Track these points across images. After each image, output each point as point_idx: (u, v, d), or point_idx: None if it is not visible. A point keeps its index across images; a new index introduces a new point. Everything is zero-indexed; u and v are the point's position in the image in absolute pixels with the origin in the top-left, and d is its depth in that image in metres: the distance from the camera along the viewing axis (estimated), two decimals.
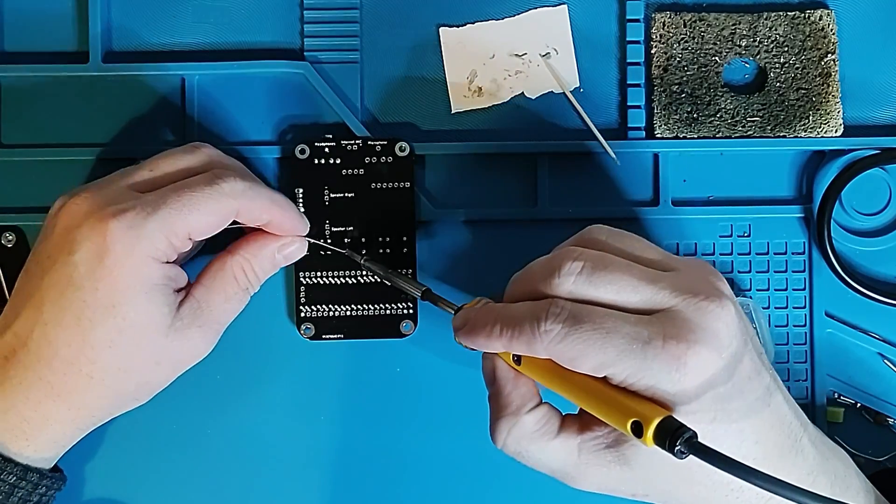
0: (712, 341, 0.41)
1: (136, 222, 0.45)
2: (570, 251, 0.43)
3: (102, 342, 0.46)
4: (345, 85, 0.56)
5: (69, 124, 0.56)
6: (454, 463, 0.55)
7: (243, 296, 0.50)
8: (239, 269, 0.50)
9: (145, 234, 0.45)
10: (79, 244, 0.45)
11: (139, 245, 0.45)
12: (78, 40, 0.56)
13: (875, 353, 0.55)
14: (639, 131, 0.56)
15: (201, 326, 0.48)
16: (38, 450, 0.48)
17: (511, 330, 0.43)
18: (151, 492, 0.55)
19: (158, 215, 0.46)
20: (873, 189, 0.56)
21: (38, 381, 0.46)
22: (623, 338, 0.41)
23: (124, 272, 0.45)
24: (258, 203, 0.49)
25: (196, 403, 0.55)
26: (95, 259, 0.45)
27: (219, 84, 0.56)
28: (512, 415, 0.45)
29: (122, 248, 0.45)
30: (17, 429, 0.47)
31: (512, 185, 0.56)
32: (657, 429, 0.39)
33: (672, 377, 0.41)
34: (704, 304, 0.42)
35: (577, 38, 0.56)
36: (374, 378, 0.55)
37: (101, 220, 0.45)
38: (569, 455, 0.45)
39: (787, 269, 0.56)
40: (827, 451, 0.47)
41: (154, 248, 0.46)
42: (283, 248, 0.51)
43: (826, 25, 0.55)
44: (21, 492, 0.47)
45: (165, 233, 0.46)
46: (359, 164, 0.54)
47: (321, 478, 0.55)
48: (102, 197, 0.47)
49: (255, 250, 0.50)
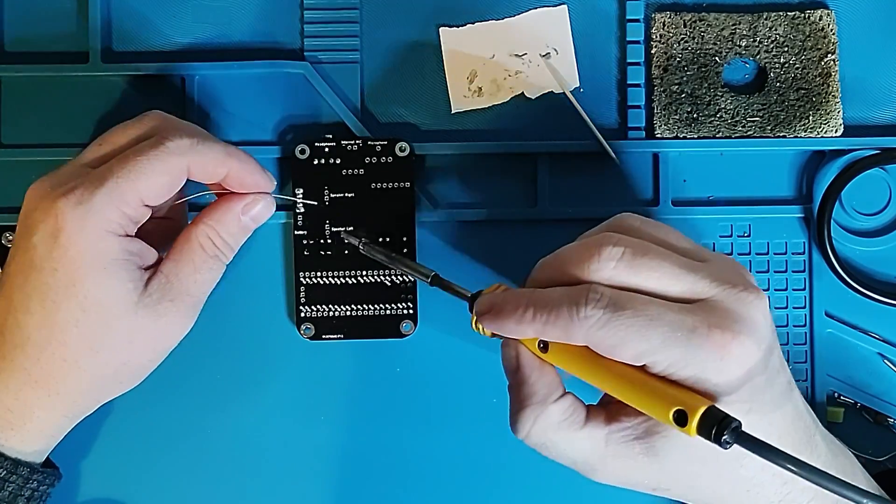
0: (754, 332, 0.41)
1: (84, 197, 0.45)
2: (608, 237, 0.42)
3: (68, 322, 0.46)
4: (345, 85, 0.56)
5: (69, 124, 0.56)
6: (454, 463, 0.55)
7: (213, 264, 0.49)
8: (204, 237, 0.49)
9: (94, 208, 0.45)
10: (35, 227, 0.46)
11: (89, 219, 0.45)
12: (78, 40, 0.56)
13: (875, 353, 0.55)
14: (639, 131, 0.56)
15: (172, 300, 0.48)
16: (25, 441, 0.48)
17: (546, 314, 0.41)
18: (150, 491, 0.55)
19: (105, 187, 0.45)
20: (873, 189, 0.56)
21: (16, 369, 0.46)
22: (667, 325, 0.40)
23: (79, 249, 0.45)
24: (210, 156, 0.48)
25: (195, 403, 0.55)
26: (51, 239, 0.45)
27: (219, 84, 0.56)
28: (538, 404, 0.43)
29: (73, 224, 0.45)
30: (1, 419, 0.47)
31: (512, 185, 0.56)
32: (702, 418, 0.39)
33: (717, 366, 0.40)
34: (744, 295, 0.41)
35: (577, 38, 0.56)
36: (374, 378, 0.55)
37: (53, 200, 0.45)
38: (595, 446, 0.43)
39: (787, 269, 0.56)
40: (836, 448, 0.47)
41: (106, 220, 0.46)
42: (247, 207, 0.50)
43: (826, 25, 0.55)
44: (11, 486, 0.47)
45: (115, 203, 0.46)
46: (359, 164, 0.54)
47: (321, 478, 0.55)
48: (55, 178, 0.47)
49: (218, 215, 0.49)
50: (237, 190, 0.50)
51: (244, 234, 0.50)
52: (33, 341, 0.46)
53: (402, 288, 0.54)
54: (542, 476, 0.55)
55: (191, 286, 0.48)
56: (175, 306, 0.48)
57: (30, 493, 0.48)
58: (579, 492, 0.54)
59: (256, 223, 0.50)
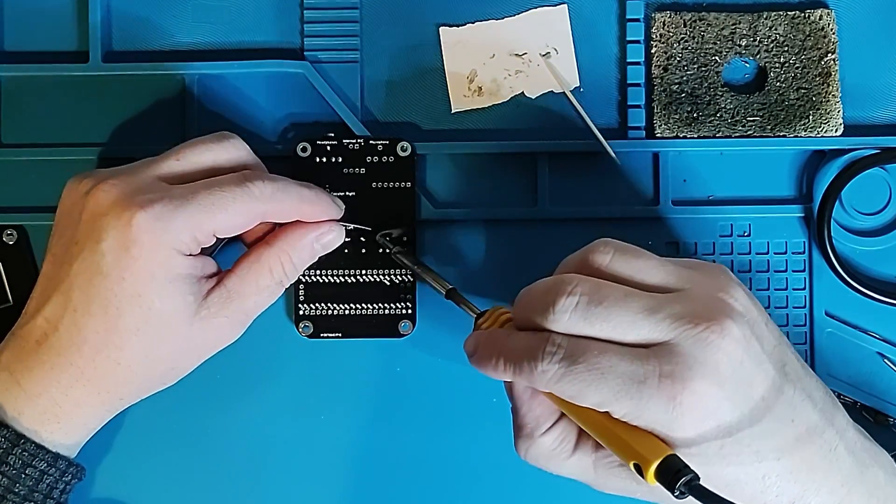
0: (711, 375, 0.41)
1: (164, 214, 0.46)
2: (566, 282, 0.43)
3: (129, 330, 0.46)
4: (345, 85, 0.56)
5: (69, 124, 0.56)
6: (453, 463, 0.55)
7: (276, 289, 0.50)
8: (276, 261, 0.49)
9: (172, 228, 0.46)
10: (106, 233, 0.46)
11: (165, 237, 0.46)
12: (78, 40, 0.56)
13: (875, 353, 0.55)
14: (639, 131, 0.56)
15: (228, 316, 0.48)
16: (68, 433, 0.48)
17: (513, 366, 0.43)
18: (148, 489, 0.55)
19: (186, 210, 0.46)
20: (873, 189, 0.56)
21: (69, 366, 0.47)
22: (618, 377, 0.41)
23: (150, 263, 0.46)
24: (287, 205, 0.49)
25: (194, 401, 0.55)
26: (122, 249, 0.45)
27: (219, 84, 0.56)
28: (527, 437, 0.46)
29: (148, 239, 0.45)
30: (48, 412, 0.47)
31: (512, 185, 0.56)
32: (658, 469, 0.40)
33: (669, 416, 0.41)
34: (704, 335, 0.41)
35: (577, 38, 0.56)
36: (372, 377, 0.55)
37: (129, 209, 0.45)
38: (585, 470, 0.46)
39: (787, 269, 0.56)
40: (867, 458, 0.46)
41: (179, 242, 0.46)
42: (320, 237, 0.51)
43: (826, 25, 0.55)
44: (49, 479, 0.48)
45: (191, 228, 0.46)
46: (360, 163, 0.54)
47: (319, 476, 0.55)
48: (130, 185, 0.47)
49: (292, 241, 0.50)
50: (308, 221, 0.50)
51: (312, 260, 0.51)
52: (90, 343, 0.46)
53: (401, 288, 0.54)
54: (541, 476, 0.54)
55: (250, 306, 0.49)
56: (229, 322, 0.49)
57: (63, 486, 0.49)
58: (579, 492, 0.54)
59: (326, 251, 0.51)
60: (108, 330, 0.46)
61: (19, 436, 0.47)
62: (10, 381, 0.47)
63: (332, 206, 0.51)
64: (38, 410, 0.47)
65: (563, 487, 0.54)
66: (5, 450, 0.47)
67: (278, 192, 0.48)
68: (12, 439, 0.47)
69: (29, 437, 0.47)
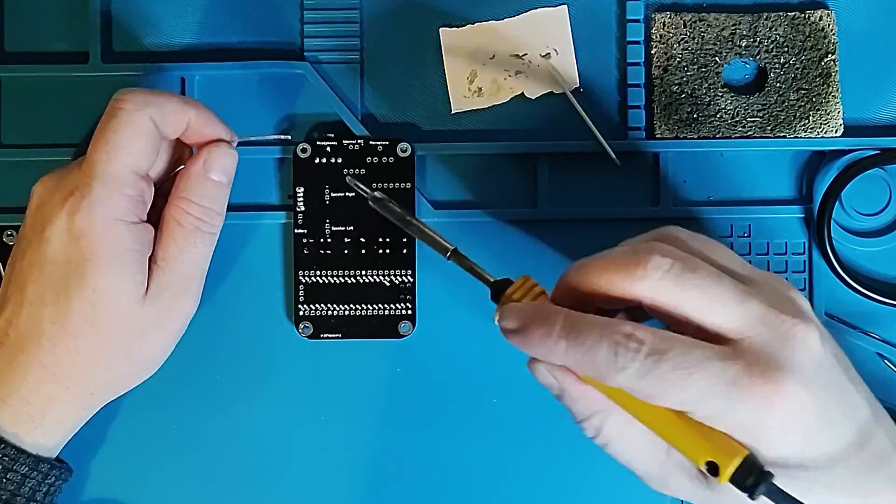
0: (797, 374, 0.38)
1: (85, 190, 0.46)
2: (657, 246, 0.40)
3: (79, 315, 0.46)
4: (345, 85, 0.56)
5: (69, 124, 0.56)
6: (452, 463, 0.55)
7: (198, 237, 0.48)
8: (178, 210, 0.48)
9: (97, 199, 0.46)
10: (48, 221, 0.46)
11: (96, 210, 0.46)
12: (78, 40, 0.56)
13: (875, 353, 0.55)
14: (639, 131, 0.55)
15: (169, 287, 0.48)
16: (45, 434, 0.48)
17: (581, 354, 0.39)
18: (148, 490, 0.55)
19: (97, 175, 0.46)
20: (873, 189, 0.56)
21: (33, 362, 0.47)
22: (707, 377, 0.38)
23: (90, 240, 0.46)
24: (168, 106, 0.47)
25: (193, 401, 0.55)
26: (64, 233, 0.46)
27: (219, 84, 0.56)
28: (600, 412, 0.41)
29: (83, 218, 0.46)
30: (22, 413, 0.47)
31: (512, 186, 0.56)
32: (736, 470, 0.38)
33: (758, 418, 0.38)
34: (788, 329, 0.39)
35: (577, 38, 0.56)
36: (372, 378, 0.55)
37: (63, 196, 0.46)
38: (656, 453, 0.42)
39: (787, 269, 0.55)
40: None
41: (112, 207, 0.46)
42: (207, 163, 0.49)
43: (826, 25, 0.55)
44: (31, 482, 0.48)
45: (111, 185, 0.46)
46: (360, 163, 0.54)
47: (320, 477, 0.55)
48: (63, 174, 0.48)
49: (183, 184, 0.48)
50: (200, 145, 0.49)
51: (218, 192, 0.49)
52: (48, 334, 0.46)
53: (401, 288, 0.54)
54: (541, 476, 0.54)
55: (181, 268, 0.48)
56: (173, 293, 0.48)
57: (47, 488, 0.49)
58: (579, 492, 0.54)
59: (226, 176, 0.49)
60: (62, 318, 0.46)
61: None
62: None
63: (221, 124, 0.49)
64: (11, 412, 0.47)
65: (563, 487, 0.54)
66: None
67: (151, 95, 0.47)
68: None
69: (8, 440, 0.47)
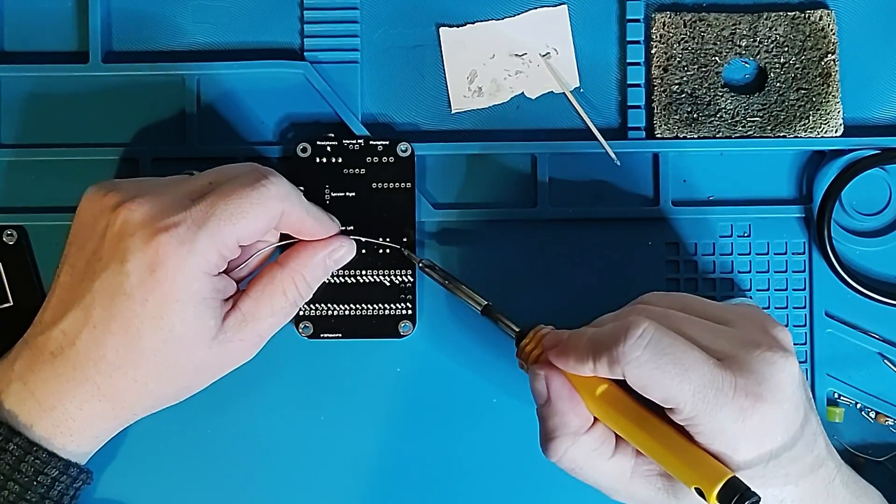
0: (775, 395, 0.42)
1: (188, 237, 0.45)
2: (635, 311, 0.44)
3: (148, 350, 0.46)
4: (345, 85, 0.56)
5: (69, 124, 0.56)
6: (454, 463, 0.55)
7: (290, 309, 0.50)
8: (289, 282, 0.50)
9: (197, 249, 0.46)
10: (131, 254, 0.46)
11: (190, 260, 0.46)
12: (78, 40, 0.56)
13: (875, 353, 0.55)
14: (639, 131, 0.56)
15: (244, 339, 0.49)
16: (80, 445, 0.49)
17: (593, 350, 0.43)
18: (148, 489, 0.55)
19: (208, 228, 0.46)
20: (873, 189, 0.56)
21: (85, 381, 0.47)
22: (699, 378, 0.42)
23: (174, 287, 0.46)
24: (298, 208, 0.49)
25: (194, 401, 0.54)
26: (147, 271, 0.45)
27: (219, 84, 0.56)
28: (571, 434, 0.45)
29: (173, 263, 0.45)
30: (62, 425, 0.48)
31: (512, 186, 0.56)
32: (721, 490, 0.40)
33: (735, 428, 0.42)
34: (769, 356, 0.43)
35: (577, 38, 0.56)
36: (372, 378, 0.55)
37: (154, 232, 0.45)
38: (621, 475, 0.45)
39: (787, 269, 0.56)
40: (858, 490, 0.47)
41: (206, 262, 0.46)
42: (333, 252, 0.51)
43: (826, 25, 0.55)
44: (60, 485, 0.48)
45: (216, 245, 0.46)
46: (360, 163, 0.54)
47: (320, 477, 0.55)
48: (156, 206, 0.46)
49: (304, 259, 0.50)
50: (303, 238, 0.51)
51: (325, 277, 0.52)
52: (109, 360, 0.47)
53: (401, 288, 0.54)
54: (541, 476, 0.54)
55: (264, 328, 0.49)
56: (245, 345, 0.49)
57: (73, 492, 0.49)
58: (579, 492, 0.54)
59: (338, 267, 0.52)
60: (127, 349, 0.46)
61: (32, 444, 0.47)
62: (23, 392, 0.47)
63: (332, 221, 0.51)
64: (51, 422, 0.47)
65: (562, 487, 0.54)
66: (17, 457, 0.47)
67: (293, 192, 0.48)
68: (25, 447, 0.47)
69: (42, 445, 0.47)
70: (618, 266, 0.55)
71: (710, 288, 0.55)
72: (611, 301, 0.49)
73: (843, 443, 0.55)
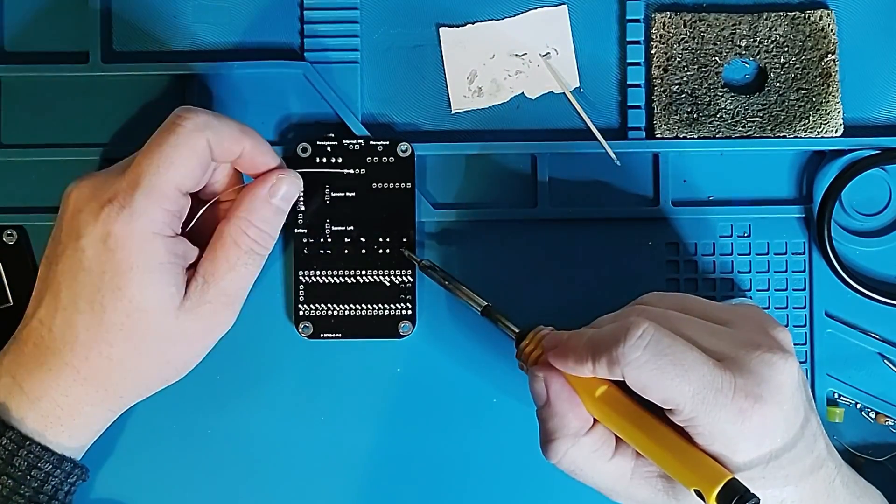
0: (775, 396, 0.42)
1: (127, 201, 0.46)
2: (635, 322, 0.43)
3: (114, 325, 0.47)
4: (345, 85, 0.56)
5: (69, 124, 0.56)
6: (454, 463, 0.55)
7: (249, 258, 0.49)
8: (237, 230, 0.48)
9: (137, 210, 0.46)
10: (84, 229, 0.46)
11: (135, 223, 0.46)
12: (78, 40, 0.56)
13: (875, 353, 0.55)
14: (639, 131, 0.56)
15: (211, 302, 0.48)
16: (72, 436, 0.49)
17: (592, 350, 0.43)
18: (147, 489, 0.55)
19: (142, 187, 0.46)
20: (873, 189, 0.56)
21: (65, 366, 0.47)
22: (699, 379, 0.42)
23: (126, 253, 0.46)
24: (226, 131, 0.48)
25: (194, 401, 0.55)
26: (100, 243, 0.46)
27: (219, 84, 0.56)
28: (571, 436, 0.45)
29: (120, 228, 0.46)
30: (51, 415, 0.48)
31: (512, 186, 0.56)
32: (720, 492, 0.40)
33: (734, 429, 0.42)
34: (768, 357, 0.43)
35: (577, 38, 0.56)
36: (372, 378, 0.55)
37: (101, 205, 0.46)
38: (621, 476, 0.45)
39: (787, 269, 0.56)
40: (858, 490, 0.47)
41: (150, 221, 0.46)
42: (274, 188, 0.49)
43: (826, 25, 0.55)
44: (54, 480, 0.48)
45: (155, 200, 0.46)
46: (360, 163, 0.54)
47: (319, 477, 0.55)
48: (99, 182, 0.47)
49: (246, 205, 0.49)
50: (249, 172, 0.50)
51: (277, 218, 0.50)
52: (81, 340, 0.47)
53: (401, 288, 0.54)
54: (540, 477, 0.54)
55: (228, 285, 0.49)
56: (213, 307, 0.48)
57: (68, 487, 0.49)
58: (579, 493, 0.54)
59: (287, 203, 0.50)
60: (97, 327, 0.47)
61: (24, 438, 0.47)
62: (12, 385, 0.48)
63: (273, 153, 0.50)
64: (40, 413, 0.48)
65: (562, 488, 0.54)
66: (10, 451, 0.47)
67: (213, 119, 0.47)
68: (17, 441, 0.47)
69: (34, 439, 0.47)
70: (618, 266, 0.55)
71: (710, 288, 0.55)
72: (611, 301, 0.49)
73: (843, 443, 0.55)
